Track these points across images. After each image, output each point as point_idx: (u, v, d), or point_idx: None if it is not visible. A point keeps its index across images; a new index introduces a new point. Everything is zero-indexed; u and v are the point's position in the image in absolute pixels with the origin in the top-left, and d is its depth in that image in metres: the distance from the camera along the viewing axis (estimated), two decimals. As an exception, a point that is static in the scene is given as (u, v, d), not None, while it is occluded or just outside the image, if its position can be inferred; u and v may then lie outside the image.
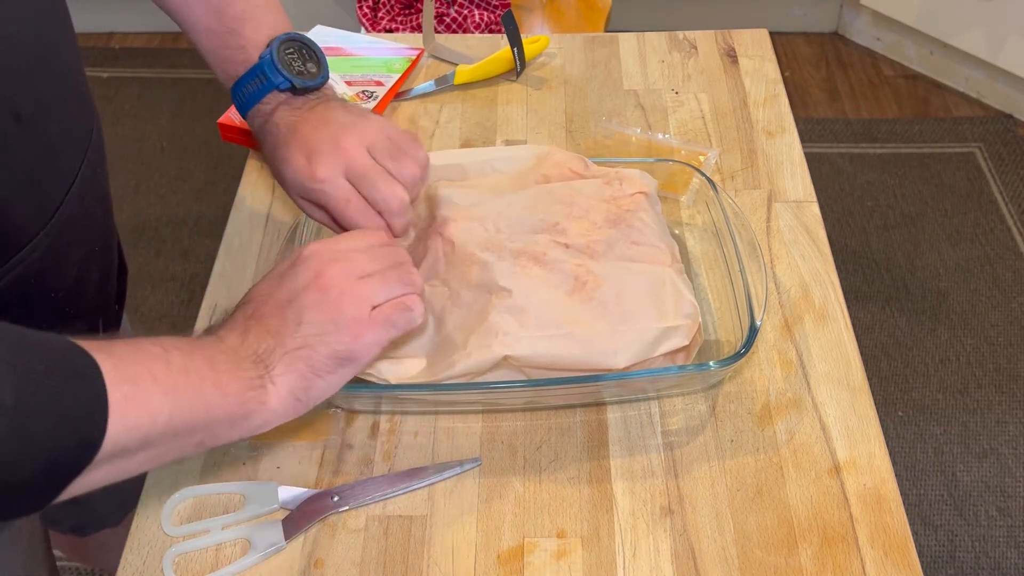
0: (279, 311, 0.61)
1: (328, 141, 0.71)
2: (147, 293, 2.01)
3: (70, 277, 0.74)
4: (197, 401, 0.54)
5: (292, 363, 0.60)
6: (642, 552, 0.68)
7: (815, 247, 0.88)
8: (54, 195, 0.69)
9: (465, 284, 0.74)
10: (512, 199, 0.80)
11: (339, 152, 0.71)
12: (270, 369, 0.59)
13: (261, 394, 0.58)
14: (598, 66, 1.10)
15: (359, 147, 0.71)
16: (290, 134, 0.73)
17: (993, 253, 2.03)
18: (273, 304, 0.62)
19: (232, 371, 0.57)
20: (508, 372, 0.71)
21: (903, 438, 1.73)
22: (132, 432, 0.50)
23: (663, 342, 0.71)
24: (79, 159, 0.72)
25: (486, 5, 1.72)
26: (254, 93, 0.74)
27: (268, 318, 0.61)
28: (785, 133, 1.01)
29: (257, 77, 0.74)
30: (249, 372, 0.58)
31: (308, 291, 0.62)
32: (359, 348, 0.62)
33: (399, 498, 0.72)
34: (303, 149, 0.72)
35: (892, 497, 0.71)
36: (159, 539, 0.70)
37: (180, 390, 0.53)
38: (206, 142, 2.33)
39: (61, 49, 0.69)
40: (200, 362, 0.56)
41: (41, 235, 0.68)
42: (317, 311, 0.61)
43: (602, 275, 0.74)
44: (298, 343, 0.60)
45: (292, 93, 0.75)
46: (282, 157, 0.73)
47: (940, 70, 2.46)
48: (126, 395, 0.50)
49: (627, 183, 0.82)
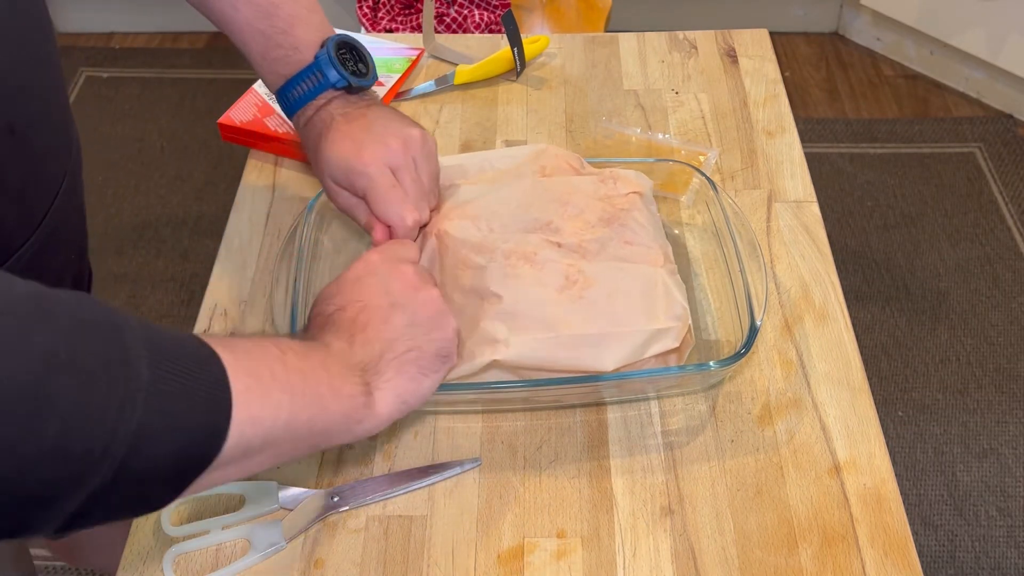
0: (383, 315, 0.62)
1: (378, 137, 0.75)
2: (147, 293, 2.01)
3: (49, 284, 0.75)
4: (314, 402, 0.54)
5: (401, 367, 0.61)
6: (642, 552, 0.68)
7: (815, 247, 0.88)
8: (40, 206, 0.71)
9: (458, 288, 0.74)
10: (507, 195, 0.80)
11: (389, 150, 0.75)
12: (378, 375, 0.60)
13: (370, 400, 0.59)
14: (598, 66, 1.10)
15: (405, 151, 0.75)
16: (343, 123, 0.76)
17: (993, 253, 2.03)
18: (374, 309, 0.62)
19: (344, 375, 0.58)
20: (504, 373, 0.71)
21: (903, 438, 1.73)
22: (256, 426, 0.50)
23: (653, 344, 0.71)
24: (62, 170, 0.74)
25: (486, 5, 1.72)
26: (309, 92, 0.76)
27: (372, 324, 0.61)
28: (785, 133, 1.01)
29: (312, 75, 0.76)
30: (356, 378, 0.59)
31: (402, 293, 0.64)
32: (452, 342, 0.65)
33: (399, 498, 0.72)
34: (351, 137, 0.75)
35: (892, 497, 0.71)
36: (159, 539, 0.70)
37: (298, 390, 0.53)
38: (206, 142, 2.33)
39: (49, 65, 0.70)
40: (315, 364, 0.56)
41: (28, 243, 0.69)
42: (420, 310, 0.63)
43: (593, 275, 0.74)
44: (407, 345, 0.62)
45: (346, 91, 0.77)
46: (330, 140, 0.75)
47: (940, 70, 2.46)
48: (248, 387, 0.49)
49: (622, 182, 0.82)
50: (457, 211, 0.79)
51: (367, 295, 0.63)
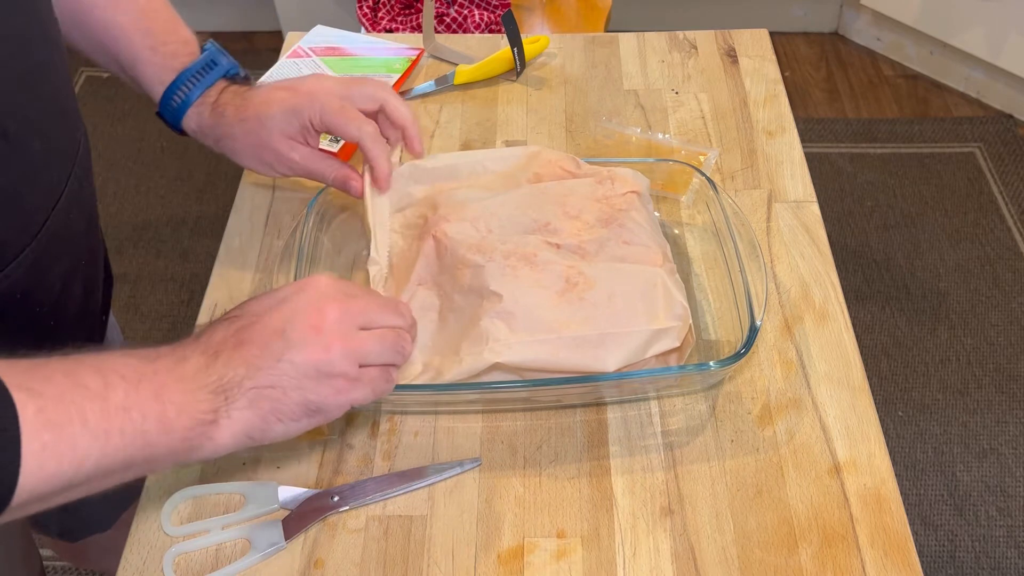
0: (263, 340, 0.57)
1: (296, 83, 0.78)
2: (147, 293, 2.01)
3: (54, 291, 0.74)
4: (135, 440, 0.51)
5: (256, 400, 0.56)
6: (642, 552, 0.68)
7: (815, 247, 0.88)
8: (39, 211, 0.69)
9: (457, 288, 0.74)
10: (504, 198, 0.80)
11: (316, 77, 0.78)
12: (230, 402, 0.56)
13: (211, 429, 0.55)
14: (598, 66, 1.10)
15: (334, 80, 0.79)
16: (256, 94, 0.78)
17: (993, 253, 2.03)
18: (260, 329, 0.58)
19: (182, 404, 0.53)
20: (505, 373, 0.71)
21: (903, 438, 1.73)
22: (51, 480, 0.48)
23: (654, 344, 0.71)
24: (65, 174, 0.72)
25: (486, 5, 1.72)
26: (201, 82, 0.79)
27: (248, 345, 0.57)
28: (785, 133, 1.01)
29: (205, 65, 0.79)
30: (203, 404, 0.54)
31: (301, 327, 0.58)
32: (334, 404, 0.59)
33: (399, 498, 0.72)
34: (280, 87, 0.78)
35: (892, 497, 0.71)
36: (159, 539, 0.70)
37: (115, 431, 0.50)
38: (206, 142, 2.33)
39: (50, 68, 0.69)
40: (146, 395, 0.52)
41: (27, 251, 0.68)
42: (303, 353, 0.57)
43: (593, 276, 0.74)
44: (271, 380, 0.56)
45: (231, 82, 0.80)
46: (259, 101, 0.77)
47: (940, 70, 2.46)
48: (45, 445, 0.47)
49: (619, 182, 0.82)
50: (455, 213, 0.79)
51: (269, 314, 0.58)
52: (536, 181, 0.82)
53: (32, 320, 0.72)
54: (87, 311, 0.82)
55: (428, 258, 0.77)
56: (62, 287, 0.75)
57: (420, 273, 0.77)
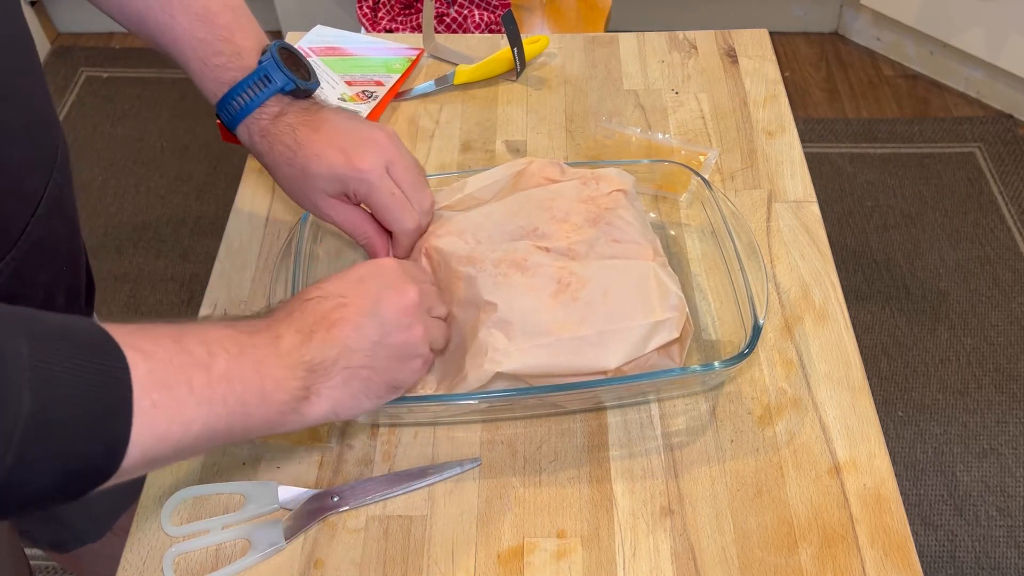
0: (357, 321, 0.59)
1: (364, 138, 0.74)
2: (147, 293, 2.01)
3: (38, 300, 0.73)
4: (237, 409, 0.53)
5: (349, 380, 0.59)
6: (642, 552, 0.68)
7: (815, 247, 0.88)
8: (18, 219, 0.68)
9: (455, 302, 0.74)
10: (490, 208, 0.80)
11: (379, 148, 0.74)
12: (323, 380, 0.58)
13: (303, 404, 0.57)
14: (598, 66, 1.10)
15: (393, 145, 0.75)
16: (310, 132, 0.74)
17: (993, 253, 2.03)
18: (352, 310, 0.60)
19: (279, 379, 0.55)
20: (506, 382, 0.71)
21: (903, 438, 1.73)
22: (161, 441, 0.48)
23: (653, 337, 0.71)
24: (43, 182, 0.71)
25: (486, 5, 1.72)
26: (254, 99, 0.74)
27: (342, 325, 0.59)
28: (785, 133, 1.01)
29: (258, 80, 0.74)
30: (298, 381, 0.56)
31: (392, 309, 0.61)
32: (410, 383, 0.63)
33: (399, 498, 0.72)
34: (335, 145, 0.73)
35: (892, 497, 0.71)
36: (159, 539, 0.70)
37: (218, 399, 0.51)
38: (206, 142, 2.33)
39: (23, 75, 0.68)
40: (247, 367, 0.54)
41: (7, 259, 0.67)
42: (396, 334, 0.61)
43: (585, 275, 0.73)
44: (364, 361, 0.59)
45: (292, 96, 0.75)
46: (311, 154, 0.73)
47: (940, 70, 2.46)
48: (155, 403, 0.48)
49: (604, 182, 0.82)
50: (443, 229, 0.78)
51: (355, 295, 0.61)
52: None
53: None
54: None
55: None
56: (45, 296, 0.74)
57: None
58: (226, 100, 0.75)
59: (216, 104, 0.76)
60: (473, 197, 0.83)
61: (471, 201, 0.82)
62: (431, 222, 0.79)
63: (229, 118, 0.76)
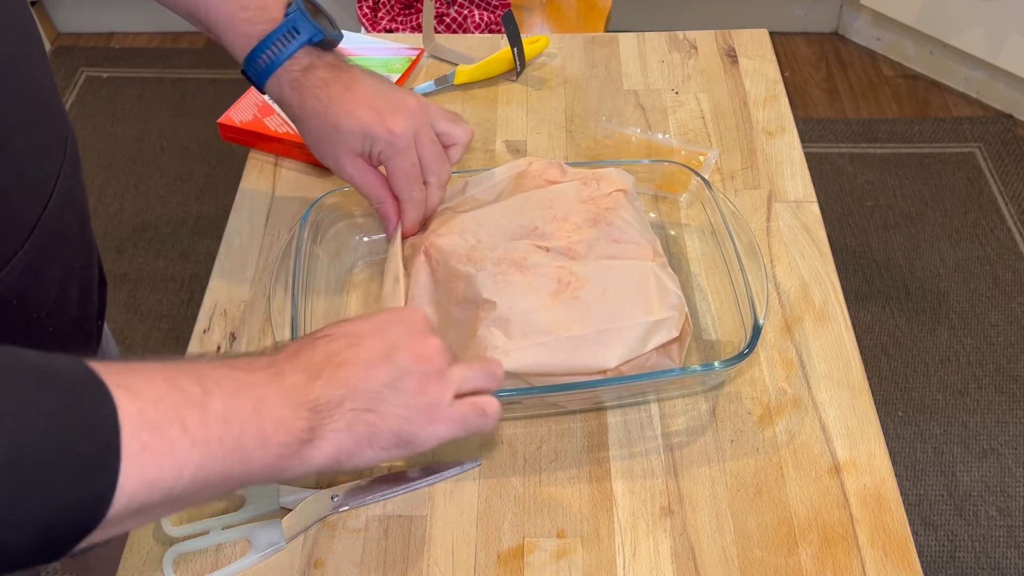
0: (368, 363, 0.56)
1: (397, 102, 0.75)
2: (147, 293, 2.01)
3: (51, 296, 0.73)
4: (234, 452, 0.49)
5: (354, 424, 0.54)
6: (642, 552, 0.68)
7: (815, 247, 0.88)
8: (29, 211, 0.68)
9: (454, 301, 0.74)
10: (491, 208, 0.80)
11: (411, 113, 0.74)
12: (328, 422, 0.54)
13: (305, 448, 0.53)
14: (598, 66, 1.10)
15: (422, 112, 0.76)
16: (343, 89, 0.74)
17: (993, 253, 2.03)
18: (364, 351, 0.56)
19: (280, 419, 0.51)
20: (508, 381, 0.71)
21: (903, 438, 1.73)
22: (151, 488, 0.44)
23: (652, 336, 0.71)
24: (54, 173, 0.71)
25: (486, 5, 1.72)
26: (283, 51, 0.74)
27: (351, 365, 0.55)
28: (785, 133, 1.01)
29: (287, 32, 0.74)
30: (301, 422, 0.52)
31: (407, 355, 0.57)
32: (424, 437, 0.57)
33: (399, 498, 0.72)
34: (369, 105, 0.74)
35: (892, 497, 0.71)
36: (159, 539, 0.70)
37: (214, 440, 0.47)
38: (206, 142, 2.33)
39: (27, 63, 0.67)
40: (245, 407, 0.50)
41: (20, 253, 0.67)
42: (409, 381, 0.56)
43: (584, 275, 0.73)
44: (369, 404, 0.55)
45: (320, 48, 0.76)
46: (342, 111, 0.74)
47: (940, 70, 2.46)
48: (146, 445, 0.44)
49: (604, 182, 0.82)
50: (444, 228, 0.78)
51: (370, 336, 0.57)
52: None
53: (30, 326, 0.71)
54: (84, 316, 0.81)
55: (422, 275, 0.77)
56: (58, 291, 0.74)
57: (416, 291, 0.77)
58: (255, 54, 0.75)
59: (244, 59, 0.76)
60: (474, 199, 0.83)
61: (472, 203, 0.83)
62: (442, 200, 0.80)
63: (256, 73, 0.76)
